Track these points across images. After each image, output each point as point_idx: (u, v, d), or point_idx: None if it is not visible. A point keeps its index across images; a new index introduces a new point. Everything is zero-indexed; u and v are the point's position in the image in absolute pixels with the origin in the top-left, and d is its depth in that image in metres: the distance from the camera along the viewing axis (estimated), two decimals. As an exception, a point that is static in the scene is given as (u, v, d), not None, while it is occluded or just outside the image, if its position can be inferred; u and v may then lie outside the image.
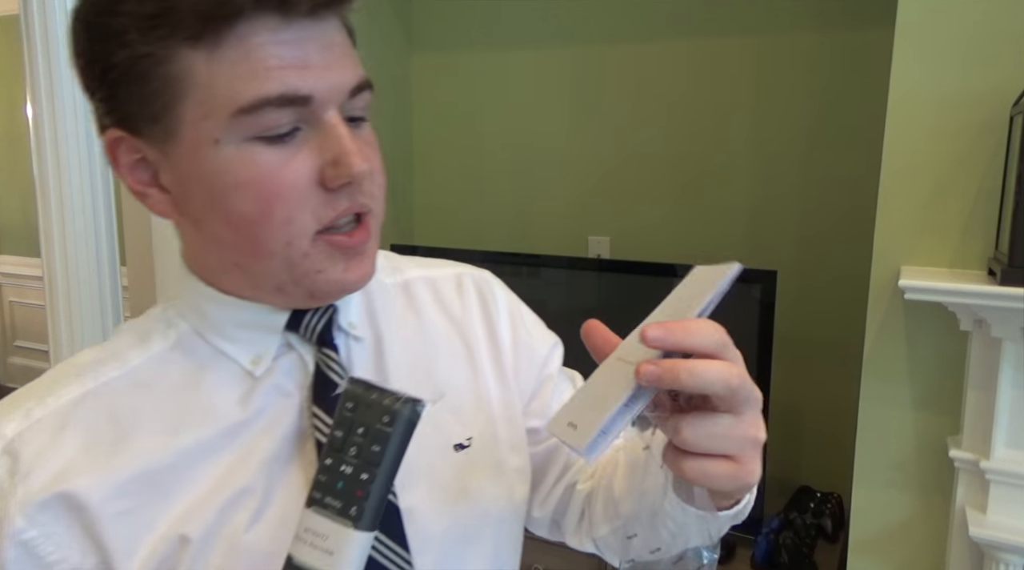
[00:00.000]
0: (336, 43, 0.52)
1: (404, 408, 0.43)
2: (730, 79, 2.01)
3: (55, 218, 1.67)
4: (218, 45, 0.48)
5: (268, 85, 0.48)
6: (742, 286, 1.74)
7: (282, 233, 0.52)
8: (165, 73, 0.49)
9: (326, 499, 0.43)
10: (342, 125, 0.51)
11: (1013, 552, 1.29)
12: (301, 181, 0.51)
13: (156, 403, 0.56)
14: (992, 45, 1.28)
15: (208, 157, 0.51)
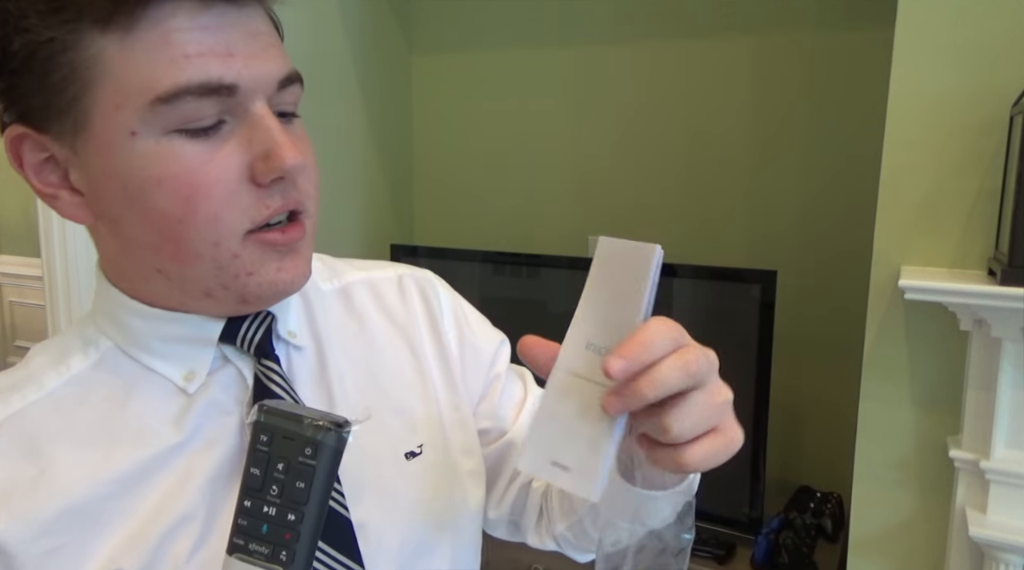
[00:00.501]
0: (261, 32, 0.49)
1: (327, 438, 0.39)
2: (730, 79, 2.01)
3: (55, 218, 1.67)
4: (132, 29, 0.45)
5: (188, 72, 0.45)
6: (742, 286, 1.74)
7: (208, 233, 0.48)
8: (71, 61, 0.45)
9: (250, 546, 0.39)
10: (271, 117, 0.49)
11: (1013, 552, 1.29)
12: (228, 176, 0.48)
13: (79, 428, 0.52)
14: (992, 45, 1.28)
15: (124, 152, 0.47)
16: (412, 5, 2.42)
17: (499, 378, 0.72)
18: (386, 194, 2.41)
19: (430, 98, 2.45)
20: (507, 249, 2.18)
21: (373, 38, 2.28)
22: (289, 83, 0.51)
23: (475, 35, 2.34)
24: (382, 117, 2.34)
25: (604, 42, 2.16)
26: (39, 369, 0.55)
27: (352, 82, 2.22)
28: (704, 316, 1.82)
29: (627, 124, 2.16)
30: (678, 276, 1.82)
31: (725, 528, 1.80)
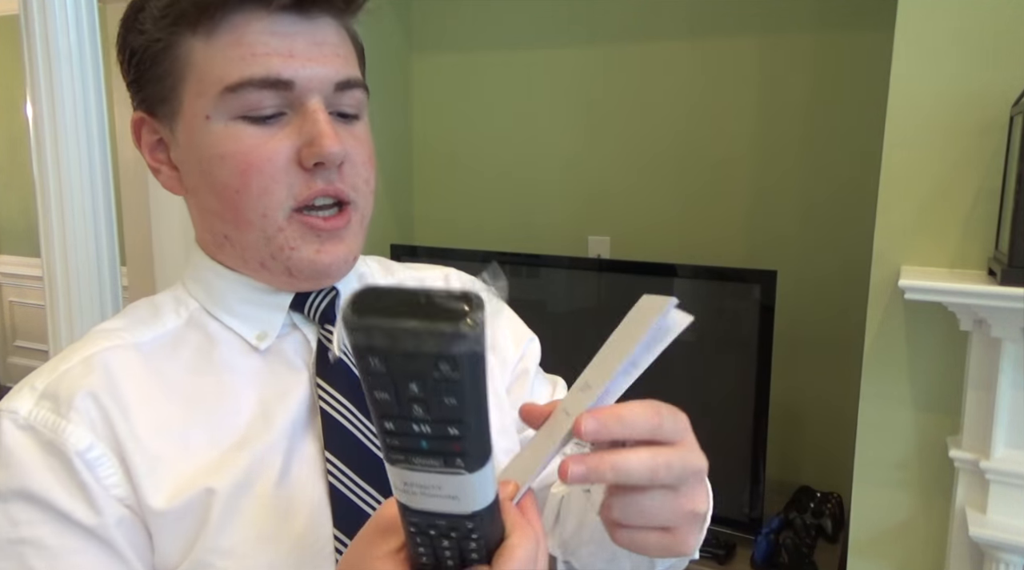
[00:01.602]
0: (327, 42, 0.57)
1: (466, 341, 0.29)
2: (730, 79, 2.01)
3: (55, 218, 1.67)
4: (214, 32, 0.54)
5: (253, 68, 0.54)
6: (742, 286, 1.74)
7: (258, 204, 0.56)
8: (172, 57, 0.56)
9: (414, 460, 0.33)
10: (322, 112, 0.56)
11: (1013, 552, 1.29)
12: (278, 157, 0.55)
13: (175, 373, 0.58)
14: (992, 45, 1.28)
15: (201, 132, 0.56)
16: (412, 4, 2.42)
17: (527, 373, 0.76)
18: (386, 194, 2.41)
19: (430, 97, 2.45)
20: (507, 249, 2.18)
21: (373, 37, 2.28)
22: (347, 87, 0.58)
23: (475, 35, 2.34)
24: (382, 116, 2.34)
25: (605, 42, 2.16)
26: (139, 320, 0.61)
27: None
28: (704, 316, 1.82)
29: (627, 124, 2.16)
30: (678, 276, 1.82)
31: (725, 528, 1.80)
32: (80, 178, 1.67)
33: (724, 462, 1.83)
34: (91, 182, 1.69)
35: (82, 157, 1.67)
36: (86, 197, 1.68)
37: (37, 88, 1.64)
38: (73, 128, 1.66)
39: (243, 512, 0.55)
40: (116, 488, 0.54)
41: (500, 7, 2.28)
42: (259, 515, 0.56)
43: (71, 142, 1.65)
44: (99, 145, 1.69)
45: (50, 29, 1.61)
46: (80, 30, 1.64)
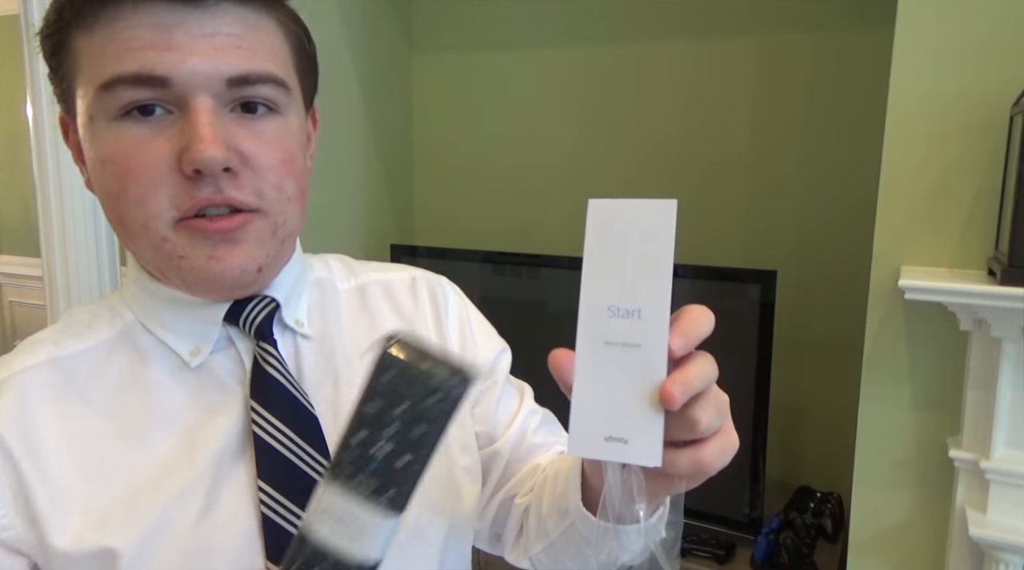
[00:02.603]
0: (222, 33, 0.51)
1: (460, 387, 0.37)
2: (730, 79, 2.01)
3: (55, 218, 1.67)
4: (93, 27, 0.50)
5: (124, 63, 0.49)
6: (742, 286, 1.74)
7: (138, 214, 0.51)
8: (63, 54, 0.53)
9: (357, 477, 0.38)
10: (206, 112, 0.50)
11: (1013, 552, 1.29)
12: (156, 163, 0.50)
13: (98, 391, 0.56)
14: (992, 45, 1.28)
15: (87, 134, 0.53)
16: (412, 5, 2.42)
17: (495, 385, 0.73)
18: (386, 194, 2.41)
19: (430, 98, 2.45)
20: (507, 249, 2.18)
21: (373, 37, 2.28)
22: (246, 83, 0.52)
23: (475, 35, 2.34)
24: (382, 117, 2.34)
25: (604, 42, 2.16)
26: (73, 331, 0.59)
27: (352, 81, 2.22)
28: (704, 316, 1.82)
29: (627, 124, 2.16)
30: (678, 276, 1.81)
31: (725, 528, 1.80)
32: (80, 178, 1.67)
33: (724, 462, 1.82)
34: (91, 182, 1.69)
35: (82, 157, 1.67)
36: (86, 197, 1.68)
37: (37, 88, 1.64)
38: (73, 128, 1.65)
39: (153, 563, 0.52)
40: (5, 531, 0.51)
41: (500, 7, 2.28)
42: (174, 561, 0.52)
43: (71, 142, 1.65)
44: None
45: (50, 29, 1.61)
46: (80, 30, 1.64)
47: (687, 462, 0.43)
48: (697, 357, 0.42)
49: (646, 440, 0.39)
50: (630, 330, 0.40)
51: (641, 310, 0.41)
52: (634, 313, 0.41)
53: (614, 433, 0.40)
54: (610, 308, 0.41)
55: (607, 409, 0.40)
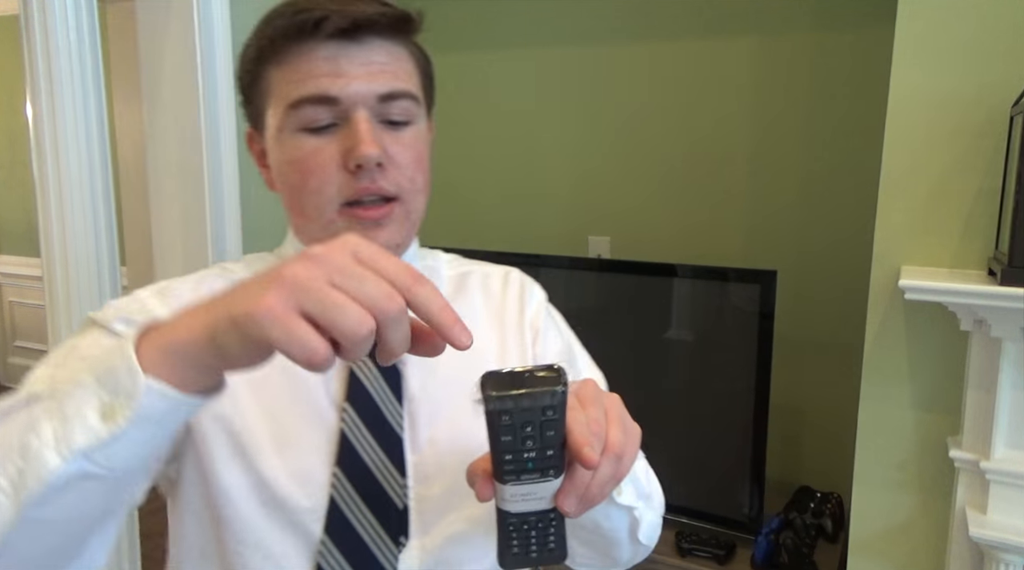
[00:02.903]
0: (375, 62, 0.66)
1: (559, 395, 0.47)
2: (730, 79, 2.01)
3: (55, 218, 1.67)
4: (283, 62, 0.66)
5: (307, 87, 0.65)
6: (742, 286, 1.74)
7: (314, 200, 0.66)
8: (261, 84, 0.69)
9: (522, 476, 0.49)
10: (364, 122, 0.65)
11: (1013, 552, 1.29)
12: (329, 162, 0.65)
13: None
14: (992, 45, 1.28)
15: (276, 142, 0.68)
16: (412, 5, 2.41)
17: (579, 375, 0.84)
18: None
19: (430, 98, 2.45)
20: (507, 249, 2.18)
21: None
22: (391, 98, 0.67)
23: (476, 35, 2.34)
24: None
25: (605, 42, 2.16)
26: (230, 266, 0.76)
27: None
28: (704, 316, 1.82)
29: (627, 124, 2.16)
30: (678, 276, 1.82)
31: (725, 528, 1.80)
32: (80, 178, 1.67)
33: (724, 462, 1.83)
34: (91, 182, 1.69)
35: (82, 157, 1.67)
36: (86, 197, 1.68)
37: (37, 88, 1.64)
38: (73, 128, 1.65)
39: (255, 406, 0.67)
40: None
41: (500, 7, 2.28)
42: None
43: (71, 142, 1.65)
44: (99, 145, 1.69)
45: (50, 29, 1.61)
46: (80, 30, 1.64)
47: (614, 476, 0.52)
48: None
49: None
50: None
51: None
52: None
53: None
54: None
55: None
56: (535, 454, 0.48)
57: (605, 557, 0.73)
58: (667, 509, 0.85)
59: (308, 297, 0.42)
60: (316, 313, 0.42)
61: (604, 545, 0.70)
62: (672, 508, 1.85)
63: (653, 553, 0.80)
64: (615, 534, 0.69)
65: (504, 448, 0.48)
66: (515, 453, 0.48)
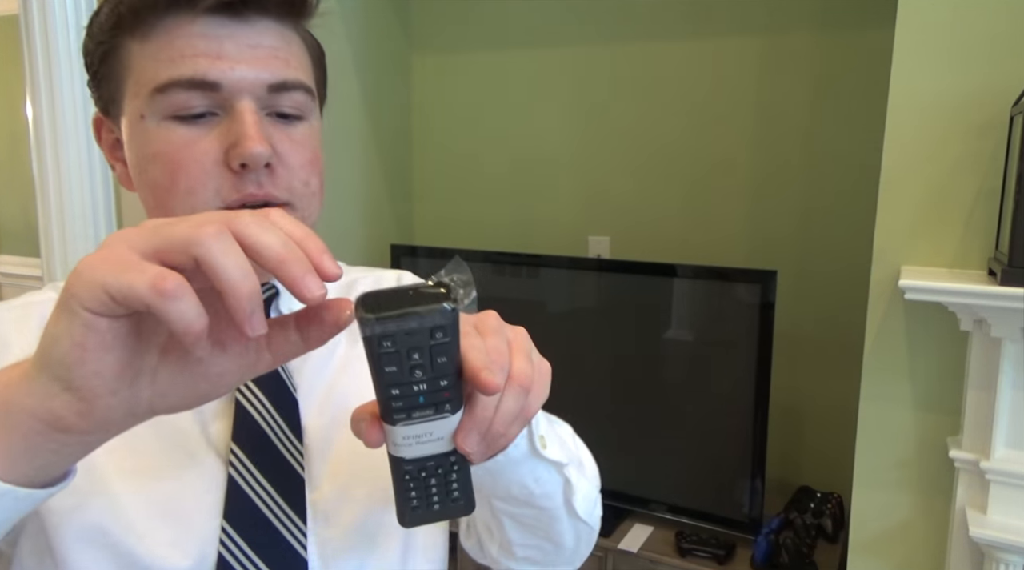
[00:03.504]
0: (264, 45, 0.57)
1: (449, 313, 0.40)
2: (730, 79, 2.01)
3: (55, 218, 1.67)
4: (148, 36, 0.56)
5: (180, 69, 0.55)
6: (742, 286, 1.74)
7: (185, 203, 0.56)
8: (114, 60, 0.58)
9: (413, 414, 0.43)
10: (251, 113, 0.56)
11: (1013, 552, 1.29)
12: (205, 158, 0.56)
13: None
14: (992, 45, 1.28)
15: (136, 131, 0.58)
16: (412, 5, 2.42)
17: None
18: (386, 194, 2.41)
19: (430, 98, 2.45)
20: (507, 249, 2.18)
21: (373, 38, 2.28)
22: (283, 90, 0.58)
23: (475, 35, 2.34)
24: (382, 117, 2.34)
25: (605, 42, 2.16)
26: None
27: (352, 81, 2.22)
28: (704, 316, 1.82)
29: (627, 124, 2.16)
30: (678, 276, 1.82)
31: (725, 528, 1.80)
32: (80, 178, 1.67)
33: (724, 462, 1.83)
34: (91, 182, 1.69)
35: (82, 157, 1.67)
36: (86, 197, 1.68)
37: (37, 88, 1.64)
38: (73, 128, 1.66)
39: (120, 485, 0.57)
40: None
41: (500, 7, 2.28)
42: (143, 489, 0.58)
43: (71, 142, 1.66)
44: (99, 145, 1.69)
45: (50, 29, 1.61)
46: (80, 30, 1.64)
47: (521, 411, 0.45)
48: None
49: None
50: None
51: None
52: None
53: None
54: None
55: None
56: (426, 386, 0.41)
57: (547, 541, 0.65)
58: (667, 509, 0.82)
59: (132, 236, 0.35)
60: (147, 242, 0.34)
61: (543, 522, 0.62)
62: (672, 508, 1.87)
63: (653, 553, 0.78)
64: (550, 503, 0.61)
65: (389, 381, 0.41)
66: (403, 387, 0.41)
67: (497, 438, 0.44)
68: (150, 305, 0.33)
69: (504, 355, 0.44)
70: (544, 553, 0.67)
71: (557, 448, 0.59)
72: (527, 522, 0.63)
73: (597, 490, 0.67)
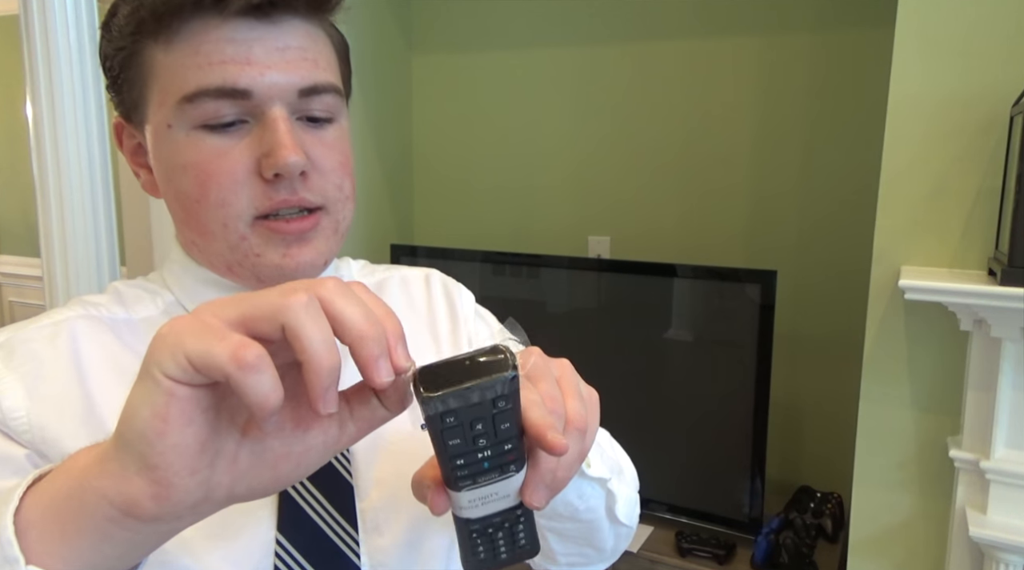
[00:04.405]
0: (292, 46, 0.55)
1: (510, 384, 0.39)
2: (730, 79, 2.01)
3: (55, 218, 1.67)
4: (172, 40, 0.54)
5: (209, 77, 0.53)
6: (742, 286, 1.74)
7: (217, 214, 0.55)
8: (136, 65, 0.56)
9: (478, 479, 0.42)
10: (283, 121, 0.54)
11: (1013, 552, 1.29)
12: (238, 168, 0.54)
13: (144, 348, 0.56)
14: (992, 45, 1.28)
15: (164, 140, 0.56)
16: (412, 5, 2.42)
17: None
18: (386, 194, 2.41)
19: (430, 98, 2.45)
20: (507, 249, 2.18)
21: (373, 38, 2.28)
22: (314, 93, 0.56)
23: (475, 35, 2.34)
24: (382, 117, 2.34)
25: (604, 42, 2.16)
26: (115, 302, 0.62)
27: (352, 82, 2.21)
28: (704, 316, 1.82)
29: (627, 124, 2.16)
30: (678, 276, 1.82)
31: (725, 528, 1.80)
32: (80, 178, 1.67)
33: (724, 462, 1.83)
34: (91, 182, 1.69)
35: (82, 157, 1.67)
36: (86, 197, 1.68)
37: (37, 88, 1.64)
38: (73, 128, 1.65)
39: None
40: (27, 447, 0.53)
41: (500, 7, 2.28)
42: None
43: (71, 142, 1.65)
44: (99, 145, 1.69)
45: (50, 29, 1.61)
46: (80, 30, 1.64)
47: (570, 463, 0.44)
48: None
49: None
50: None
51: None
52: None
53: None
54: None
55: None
56: (490, 451, 0.41)
57: (588, 547, 0.66)
58: (667, 509, 0.82)
59: (217, 307, 0.34)
60: (234, 309, 0.34)
61: (586, 532, 0.63)
62: (672, 508, 1.87)
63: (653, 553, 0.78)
64: (593, 515, 0.61)
65: (453, 452, 0.41)
66: (467, 455, 0.41)
67: (561, 484, 0.44)
68: (229, 375, 0.32)
69: (559, 401, 0.44)
70: (587, 558, 0.68)
71: (599, 462, 0.59)
72: (571, 534, 0.63)
73: (636, 491, 0.68)
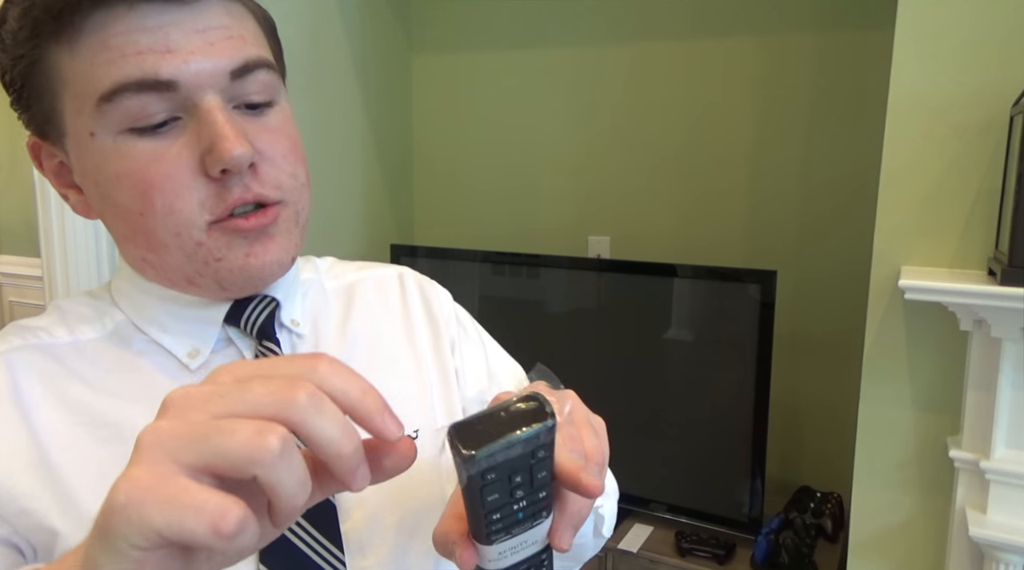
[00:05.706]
0: (213, 27, 0.49)
1: (547, 434, 0.38)
2: (730, 79, 2.01)
3: (55, 218, 1.67)
4: (76, 38, 0.48)
5: (125, 70, 0.47)
6: (742, 286, 1.74)
7: (167, 224, 0.50)
8: (40, 73, 0.50)
9: (512, 530, 0.40)
10: (220, 110, 0.49)
11: (1013, 552, 1.29)
12: (179, 171, 0.49)
13: (96, 374, 0.54)
14: (992, 45, 1.28)
15: (88, 151, 0.50)
16: (412, 5, 2.42)
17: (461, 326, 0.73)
18: (386, 194, 2.41)
19: (430, 98, 2.45)
20: (507, 249, 2.18)
21: (373, 38, 2.28)
22: (246, 72, 0.51)
23: (475, 35, 2.34)
24: (382, 117, 2.34)
25: (604, 42, 2.16)
26: (58, 323, 0.57)
27: (352, 82, 2.22)
28: (704, 316, 1.82)
29: (627, 124, 2.16)
30: (678, 276, 1.82)
31: (725, 528, 1.80)
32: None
33: (724, 462, 1.83)
34: (91, 182, 1.69)
35: (82, 157, 1.67)
36: (86, 197, 1.69)
37: (37, 88, 1.64)
38: (73, 128, 1.66)
39: None
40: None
41: (500, 7, 2.28)
42: None
43: (71, 142, 1.66)
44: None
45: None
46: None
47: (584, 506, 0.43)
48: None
49: None
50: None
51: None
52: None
53: None
54: None
55: None
56: (526, 502, 0.39)
57: (572, 561, 0.66)
58: (667, 509, 0.82)
59: (181, 444, 0.31)
60: (198, 456, 0.31)
61: (573, 554, 0.62)
62: (672, 508, 1.87)
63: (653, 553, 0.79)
64: (583, 540, 0.60)
65: (490, 508, 0.38)
66: (503, 509, 0.39)
67: (584, 521, 0.42)
68: (210, 546, 0.30)
69: (577, 439, 0.42)
70: (568, 568, 0.68)
71: None
72: (559, 557, 0.63)
73: (616, 503, 0.67)
